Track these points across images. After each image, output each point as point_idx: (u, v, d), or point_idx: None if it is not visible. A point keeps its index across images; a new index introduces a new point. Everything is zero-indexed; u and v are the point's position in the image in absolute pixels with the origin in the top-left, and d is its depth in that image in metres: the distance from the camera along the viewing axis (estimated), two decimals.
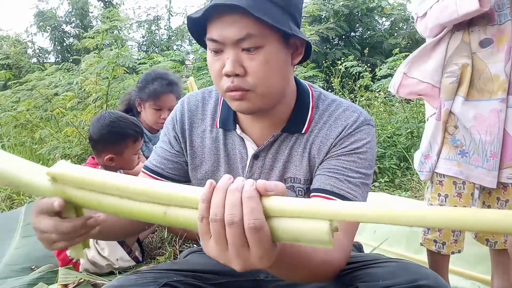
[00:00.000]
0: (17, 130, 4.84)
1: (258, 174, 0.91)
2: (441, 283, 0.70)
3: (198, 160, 0.95)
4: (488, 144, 1.20)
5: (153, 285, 0.77)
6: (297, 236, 0.50)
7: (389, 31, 10.13)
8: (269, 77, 0.78)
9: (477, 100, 1.22)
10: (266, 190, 0.52)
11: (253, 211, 0.50)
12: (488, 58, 1.20)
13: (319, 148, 0.87)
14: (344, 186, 0.82)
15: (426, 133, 1.35)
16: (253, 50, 0.76)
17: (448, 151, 1.27)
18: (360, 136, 0.85)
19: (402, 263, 0.76)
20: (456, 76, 1.22)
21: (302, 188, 0.90)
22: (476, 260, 1.61)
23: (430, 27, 1.26)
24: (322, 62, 6.18)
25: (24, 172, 0.61)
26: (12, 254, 1.92)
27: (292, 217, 0.50)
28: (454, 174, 1.26)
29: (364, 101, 4.65)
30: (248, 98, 0.80)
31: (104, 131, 1.70)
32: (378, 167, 3.36)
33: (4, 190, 3.14)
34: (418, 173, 1.36)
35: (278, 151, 0.90)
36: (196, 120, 0.95)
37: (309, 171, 0.89)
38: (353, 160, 0.84)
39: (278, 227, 0.51)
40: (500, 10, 1.19)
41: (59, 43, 11.52)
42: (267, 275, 0.92)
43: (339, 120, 0.87)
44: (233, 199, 0.51)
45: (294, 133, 0.89)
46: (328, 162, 0.85)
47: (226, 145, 0.93)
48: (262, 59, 0.76)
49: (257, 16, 0.71)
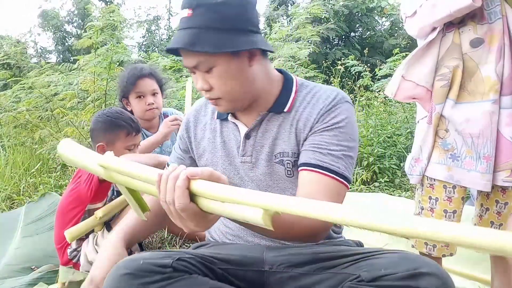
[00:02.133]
0: (17, 130, 4.84)
1: (250, 152, 1.04)
2: (442, 271, 0.73)
3: (201, 149, 1.13)
4: (481, 146, 1.18)
5: (168, 259, 0.83)
6: (224, 213, 0.67)
7: (389, 31, 10.13)
8: (228, 88, 0.95)
9: (468, 103, 1.20)
10: (192, 176, 0.69)
11: (178, 197, 0.69)
12: (480, 58, 1.18)
13: (305, 124, 0.99)
14: (327, 159, 0.94)
15: (417, 136, 1.33)
16: (209, 70, 0.94)
17: (439, 155, 1.25)
18: (339, 112, 0.98)
19: (403, 253, 0.79)
20: (447, 79, 1.20)
21: (290, 160, 1.01)
22: (476, 260, 1.61)
23: (420, 27, 1.23)
24: (322, 62, 6.18)
25: (87, 160, 0.88)
26: (12, 254, 1.92)
27: (211, 199, 0.68)
28: (444, 179, 1.24)
29: (364, 101, 4.65)
30: (221, 104, 0.99)
31: (100, 119, 1.74)
32: (378, 167, 3.36)
33: (4, 190, 3.14)
34: (408, 176, 1.34)
35: (267, 130, 1.03)
36: (200, 117, 1.15)
37: (296, 144, 1.00)
38: (334, 134, 0.96)
39: (203, 205, 0.69)
40: (489, 8, 1.16)
41: (61, 43, 11.53)
42: (271, 266, 0.94)
43: (320, 99, 1.01)
44: (169, 186, 0.70)
45: (279, 113, 1.02)
46: (313, 138, 0.97)
47: (222, 132, 1.09)
48: (217, 76, 0.94)
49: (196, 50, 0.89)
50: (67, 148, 0.91)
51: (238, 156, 1.05)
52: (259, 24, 0.97)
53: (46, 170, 3.71)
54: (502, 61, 1.15)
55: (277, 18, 9.37)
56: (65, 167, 3.69)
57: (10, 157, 3.95)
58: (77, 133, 3.80)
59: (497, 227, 1.30)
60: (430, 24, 1.21)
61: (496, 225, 1.30)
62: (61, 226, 1.61)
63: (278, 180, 1.02)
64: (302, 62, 4.79)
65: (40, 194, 3.04)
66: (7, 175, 3.48)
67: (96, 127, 1.73)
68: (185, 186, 0.69)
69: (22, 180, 3.43)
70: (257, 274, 0.94)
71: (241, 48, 0.91)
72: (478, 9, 1.16)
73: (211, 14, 0.89)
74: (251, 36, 0.93)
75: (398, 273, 0.72)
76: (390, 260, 0.76)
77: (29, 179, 3.45)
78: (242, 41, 0.91)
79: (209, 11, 0.89)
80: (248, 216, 0.63)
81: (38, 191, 3.17)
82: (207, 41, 0.89)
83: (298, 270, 0.90)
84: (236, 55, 0.92)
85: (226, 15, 0.89)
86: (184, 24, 0.91)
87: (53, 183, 3.28)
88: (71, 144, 0.92)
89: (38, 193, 3.10)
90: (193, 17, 0.90)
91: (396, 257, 0.77)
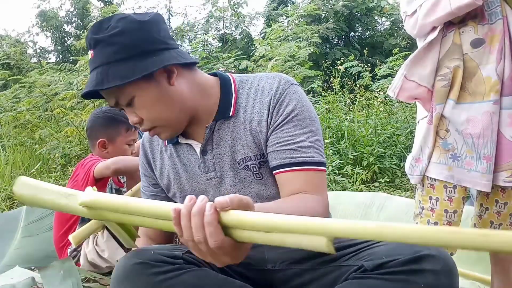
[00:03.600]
0: (17, 130, 4.84)
1: (213, 167, 0.98)
2: (443, 251, 0.74)
3: (165, 179, 1.06)
4: (482, 147, 1.18)
5: (178, 251, 0.83)
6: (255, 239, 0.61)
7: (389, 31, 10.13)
8: (156, 114, 0.91)
9: (469, 103, 1.20)
10: (222, 207, 0.61)
11: (212, 234, 0.61)
12: (481, 58, 1.18)
13: (259, 122, 0.94)
14: (299, 154, 0.91)
15: (417, 137, 1.33)
16: (131, 102, 0.89)
17: (439, 155, 1.25)
18: (289, 99, 0.93)
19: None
20: (447, 80, 1.20)
21: (255, 164, 0.96)
22: (476, 260, 1.61)
23: (420, 24, 1.23)
24: (322, 62, 6.18)
25: (59, 198, 0.73)
26: (12, 255, 1.92)
27: (245, 229, 0.61)
28: (445, 179, 1.24)
29: (364, 101, 4.66)
30: (159, 132, 0.94)
31: (99, 116, 1.75)
32: (378, 167, 3.36)
33: (4, 190, 3.14)
34: (409, 176, 1.34)
35: (220, 139, 0.98)
36: (154, 146, 1.08)
37: (256, 146, 0.96)
38: (295, 124, 0.92)
39: (241, 236, 0.61)
40: (490, 9, 1.16)
41: (60, 43, 11.53)
42: (274, 264, 0.94)
43: (264, 91, 0.96)
44: (196, 223, 0.62)
45: (227, 119, 0.97)
46: (275, 136, 0.93)
47: (180, 156, 1.03)
48: (140, 106, 0.90)
49: (106, 88, 0.85)
50: (26, 188, 0.74)
51: (203, 175, 0.99)
52: (169, 39, 0.92)
53: (46, 170, 3.71)
54: (502, 62, 1.15)
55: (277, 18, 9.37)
56: (65, 167, 3.69)
57: (10, 157, 3.95)
58: (77, 133, 3.80)
59: (497, 226, 1.30)
60: (430, 23, 1.21)
61: (496, 224, 1.30)
62: (60, 225, 1.61)
63: (249, 186, 0.98)
64: (301, 61, 4.80)
65: None
66: (7, 175, 3.48)
67: (96, 124, 1.74)
68: (216, 221, 0.61)
69: None
70: (261, 273, 0.94)
71: (150, 70, 0.86)
72: (479, 10, 1.16)
73: (110, 48, 0.86)
74: (160, 55, 0.88)
75: (400, 258, 0.72)
76: (389, 247, 0.77)
77: None
78: (149, 63, 0.87)
79: (107, 45, 0.86)
80: (307, 245, 0.57)
81: None
82: (114, 75, 0.85)
83: (301, 266, 0.90)
84: (151, 79, 0.88)
85: (125, 44, 0.86)
86: (91, 66, 0.89)
87: (53, 183, 3.28)
88: (30, 182, 0.75)
89: None
90: (95, 56, 0.88)
91: (395, 244, 0.77)
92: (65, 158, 3.78)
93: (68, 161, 3.77)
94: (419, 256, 0.72)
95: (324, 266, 0.87)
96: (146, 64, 0.86)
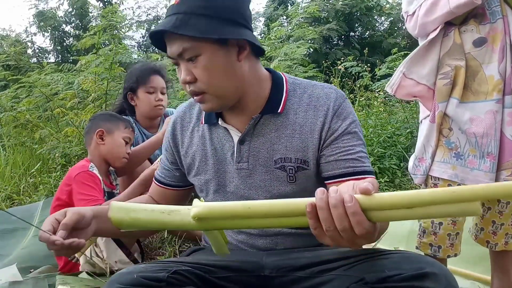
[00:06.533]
0: (17, 130, 4.83)
1: (246, 158, 0.98)
2: (446, 270, 0.73)
3: (189, 158, 1.05)
4: (485, 145, 1.18)
5: (163, 272, 0.80)
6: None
7: (389, 31, 10.14)
8: (213, 79, 0.90)
9: (472, 102, 1.20)
10: (367, 192, 0.64)
11: (359, 223, 0.63)
12: (483, 57, 1.18)
13: (312, 129, 0.95)
14: (360, 164, 0.94)
15: (420, 136, 1.33)
16: (194, 59, 0.88)
17: (443, 153, 1.25)
18: (346, 112, 0.97)
19: (405, 253, 0.79)
20: (449, 78, 1.20)
21: (292, 166, 0.96)
22: (476, 260, 1.61)
23: (420, 23, 1.23)
24: (322, 62, 6.18)
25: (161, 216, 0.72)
26: (17, 254, 1.91)
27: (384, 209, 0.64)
28: (449, 177, 1.24)
29: (364, 101, 4.65)
30: (206, 99, 0.92)
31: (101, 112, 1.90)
32: (378, 167, 3.36)
33: (4, 190, 3.14)
34: (412, 176, 1.34)
35: (262, 134, 0.98)
36: (185, 124, 1.07)
37: (301, 150, 0.96)
38: (353, 136, 0.96)
39: (380, 217, 0.65)
40: (490, 8, 1.17)
41: (59, 43, 11.51)
42: (271, 271, 0.93)
43: (320, 99, 0.97)
44: (339, 214, 0.64)
45: (273, 115, 0.97)
46: (336, 146, 0.95)
47: (212, 139, 1.02)
48: (202, 65, 0.88)
49: (181, 34, 0.84)
50: (124, 212, 0.72)
51: (234, 163, 0.99)
52: (251, 22, 0.94)
53: (46, 170, 3.71)
54: (505, 61, 1.16)
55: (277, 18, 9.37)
56: (65, 167, 3.68)
57: (10, 157, 3.95)
58: (77, 133, 3.79)
59: (499, 226, 1.30)
60: (430, 23, 1.21)
61: (498, 224, 1.30)
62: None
63: (278, 186, 0.98)
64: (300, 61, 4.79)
65: (40, 194, 3.04)
66: (7, 175, 3.48)
67: (96, 118, 1.84)
68: (360, 209, 0.63)
69: (22, 180, 3.43)
70: (257, 279, 0.93)
71: (228, 36, 0.87)
72: (480, 9, 1.16)
73: (199, 1, 0.87)
74: (241, 29, 0.90)
75: (403, 274, 0.72)
76: (392, 261, 0.76)
77: (29, 179, 3.44)
78: (230, 31, 0.88)
79: None
80: (455, 212, 0.62)
81: (38, 191, 3.17)
82: (193, 26, 0.85)
83: (300, 273, 0.89)
84: (224, 45, 0.88)
85: (216, 4, 0.87)
86: (172, 10, 0.88)
87: (53, 183, 3.27)
88: (123, 206, 0.73)
89: (38, 193, 3.10)
90: (181, 3, 0.87)
91: (398, 257, 0.77)
92: (65, 158, 3.77)
93: (68, 161, 3.76)
94: (422, 273, 0.71)
95: (323, 275, 0.86)
96: (226, 30, 0.87)
